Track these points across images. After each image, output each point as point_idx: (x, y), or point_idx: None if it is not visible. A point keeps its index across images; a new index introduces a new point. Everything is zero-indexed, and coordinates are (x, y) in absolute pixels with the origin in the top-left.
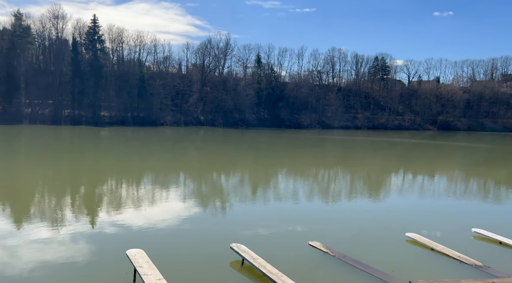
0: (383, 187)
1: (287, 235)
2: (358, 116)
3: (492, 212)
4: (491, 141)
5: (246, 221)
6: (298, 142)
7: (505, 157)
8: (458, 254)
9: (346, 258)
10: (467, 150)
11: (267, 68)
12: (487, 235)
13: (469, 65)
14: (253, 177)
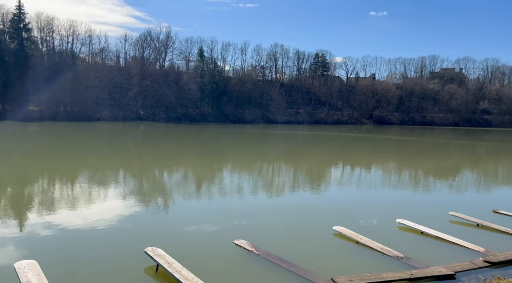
0: (318, 180)
1: (212, 234)
2: (300, 111)
3: (417, 202)
4: (420, 134)
5: (171, 222)
6: (243, 136)
7: (434, 149)
8: (382, 246)
9: (271, 257)
10: (400, 143)
11: (210, 62)
12: (410, 225)
13: (401, 63)
14: (194, 174)
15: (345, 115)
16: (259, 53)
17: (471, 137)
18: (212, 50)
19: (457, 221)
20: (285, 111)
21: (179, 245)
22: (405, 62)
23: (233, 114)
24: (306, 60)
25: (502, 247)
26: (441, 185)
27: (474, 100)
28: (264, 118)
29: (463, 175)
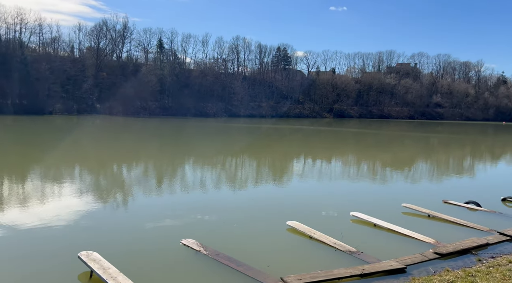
0: (277, 174)
1: (158, 234)
2: (263, 105)
3: (372, 194)
4: (378, 127)
5: (112, 222)
6: (205, 130)
7: (390, 141)
8: (334, 241)
9: (220, 256)
10: (359, 135)
11: (170, 54)
12: (363, 218)
13: (360, 58)
14: (149, 169)
15: (306, 108)
16: (221, 46)
17: (425, 130)
18: (172, 41)
19: (409, 213)
20: (248, 104)
21: (119, 248)
22: (364, 56)
23: (195, 108)
24: (268, 54)
25: (451, 237)
26: (396, 177)
27: (428, 94)
28: (226, 112)
29: (416, 166)
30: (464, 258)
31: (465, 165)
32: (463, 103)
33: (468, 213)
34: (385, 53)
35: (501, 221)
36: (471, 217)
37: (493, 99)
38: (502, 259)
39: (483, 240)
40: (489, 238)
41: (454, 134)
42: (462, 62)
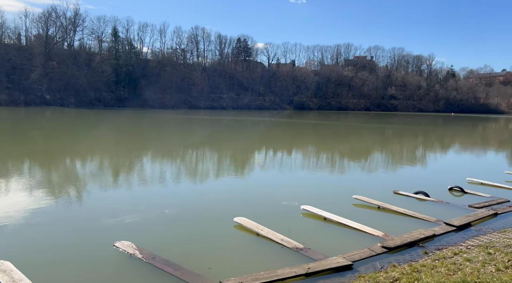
0: (231, 168)
1: (89, 237)
2: (224, 97)
3: (325, 186)
4: (336, 118)
5: (37, 226)
6: (164, 122)
7: (348, 133)
8: (282, 237)
9: (156, 260)
10: (318, 127)
11: (126, 43)
12: (314, 211)
13: (319, 50)
14: (101, 164)
15: (267, 100)
16: (180, 36)
17: (381, 121)
18: (128, 30)
19: (360, 204)
20: (208, 96)
21: (38, 256)
22: (322, 49)
23: (153, 99)
24: (229, 45)
25: (400, 229)
26: (350, 168)
27: (383, 87)
28: (186, 103)
29: (370, 157)
30: (411, 251)
31: (416, 155)
32: (416, 95)
33: (417, 204)
34: (343, 46)
35: (447, 211)
36: (420, 208)
37: (443, 92)
38: (447, 251)
39: (430, 232)
40: (436, 229)
41: (408, 125)
42: (415, 55)
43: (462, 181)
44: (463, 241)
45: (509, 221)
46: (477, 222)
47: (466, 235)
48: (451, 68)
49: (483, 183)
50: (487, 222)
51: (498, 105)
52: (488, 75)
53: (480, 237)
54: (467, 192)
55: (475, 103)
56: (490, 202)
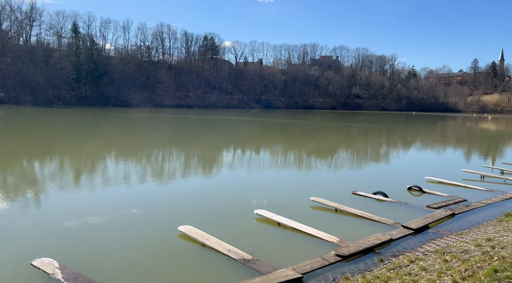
0: (188, 169)
1: (7, 255)
2: (190, 95)
3: (282, 188)
4: (303, 117)
5: None
6: (128, 121)
7: (314, 132)
8: (229, 247)
9: (78, 280)
10: (285, 125)
11: (87, 39)
12: (267, 216)
13: (286, 50)
14: (62, 165)
15: (235, 99)
16: (144, 33)
17: (346, 120)
18: (89, 26)
19: (317, 207)
20: (174, 94)
21: None
22: (289, 48)
23: (116, 97)
24: (195, 43)
25: (357, 233)
26: (309, 168)
27: (348, 86)
28: (151, 102)
29: (332, 156)
30: (367, 259)
31: (378, 153)
32: (379, 94)
33: (375, 205)
34: (309, 46)
35: (406, 212)
36: (378, 209)
37: (405, 91)
38: (403, 258)
39: (387, 236)
40: (393, 233)
41: (372, 123)
42: (378, 56)
43: (422, 180)
44: (420, 246)
45: (466, 221)
46: (434, 224)
47: (423, 239)
48: (413, 68)
49: (441, 182)
50: (445, 224)
51: (456, 104)
52: (446, 75)
53: (437, 241)
54: (425, 192)
55: (434, 102)
56: (447, 201)
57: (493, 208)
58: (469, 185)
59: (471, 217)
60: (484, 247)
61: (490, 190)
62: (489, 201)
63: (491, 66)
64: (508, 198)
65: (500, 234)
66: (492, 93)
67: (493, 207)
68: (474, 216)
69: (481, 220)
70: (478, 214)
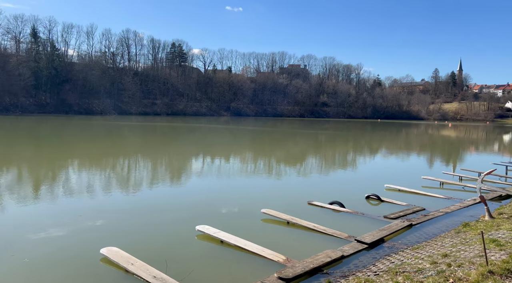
0: (136, 181)
1: None
2: (157, 102)
3: (231, 201)
4: (272, 125)
5: None
6: (92, 129)
7: (284, 139)
8: (156, 272)
9: None
10: (255, 133)
11: (48, 44)
12: (209, 232)
13: (255, 58)
14: (22, 176)
15: (203, 106)
16: (109, 38)
17: (314, 127)
18: (50, 31)
19: (269, 220)
20: (141, 101)
21: None
22: (258, 57)
23: (78, 105)
24: (163, 49)
25: (307, 249)
26: (264, 177)
27: (316, 94)
28: (116, 109)
29: (291, 164)
30: (313, 281)
31: (340, 161)
32: (346, 102)
33: (330, 216)
34: (278, 54)
35: (362, 223)
36: (333, 221)
37: (371, 99)
38: (353, 279)
39: (338, 253)
40: (345, 249)
41: (339, 131)
42: (345, 64)
43: (382, 188)
44: (373, 263)
45: (423, 233)
46: (390, 237)
47: (377, 254)
48: (378, 77)
49: (401, 190)
50: (402, 236)
51: (419, 112)
52: (409, 84)
53: (391, 257)
54: (383, 201)
55: (399, 110)
56: (406, 211)
57: (451, 217)
58: (428, 193)
59: (429, 227)
60: (439, 264)
61: (448, 197)
62: (448, 210)
63: (450, 76)
64: (466, 206)
65: (457, 248)
66: (452, 101)
67: (451, 216)
68: (431, 227)
69: (439, 231)
70: (436, 224)
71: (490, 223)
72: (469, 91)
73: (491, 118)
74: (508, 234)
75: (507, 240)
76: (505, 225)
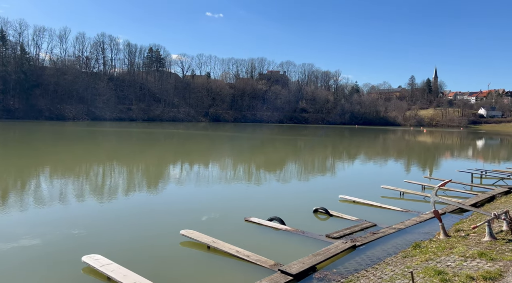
0: (95, 192)
1: None
2: (133, 108)
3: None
4: (252, 131)
5: None
6: (63, 135)
7: (263, 145)
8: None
9: None
10: (235, 139)
11: (18, 48)
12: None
13: (234, 63)
14: None
15: (181, 112)
16: (83, 42)
17: (293, 133)
18: (20, 34)
19: (188, 243)
20: (115, 107)
21: None
22: (237, 62)
23: (49, 110)
24: (139, 54)
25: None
26: (246, 185)
27: (295, 100)
28: (89, 115)
29: (265, 175)
30: None
31: (295, 170)
32: (324, 108)
33: (266, 235)
34: (257, 60)
35: (298, 245)
36: (267, 242)
37: (349, 105)
38: None
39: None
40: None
41: (317, 137)
42: (323, 71)
43: (336, 199)
44: None
45: (366, 257)
46: (326, 263)
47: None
48: (356, 84)
49: (355, 202)
50: (340, 261)
51: (396, 118)
52: (387, 91)
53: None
54: (332, 215)
55: (376, 116)
56: (353, 227)
57: (404, 235)
58: (384, 205)
59: (375, 249)
60: None
61: (406, 210)
62: (401, 226)
63: (426, 83)
64: (423, 221)
65: (396, 281)
66: (428, 108)
67: (404, 233)
68: (378, 249)
69: (385, 253)
70: (384, 244)
71: (444, 244)
72: (444, 98)
73: (465, 124)
74: (459, 262)
75: (455, 272)
76: (459, 247)
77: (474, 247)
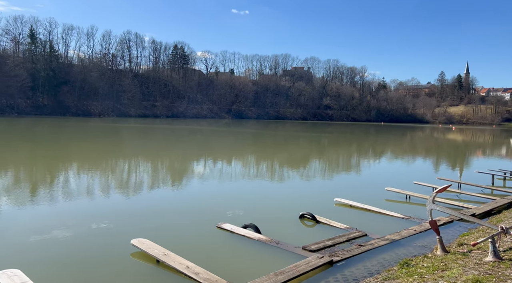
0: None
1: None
2: (157, 104)
3: (96, 234)
4: (275, 127)
5: None
6: (90, 131)
7: (286, 141)
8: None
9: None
10: (257, 135)
11: (47, 46)
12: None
13: (257, 60)
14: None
15: (204, 109)
16: (109, 40)
17: (317, 130)
18: (50, 32)
19: (138, 254)
20: (140, 103)
21: None
22: (261, 59)
23: (76, 106)
24: (164, 51)
25: None
26: (245, 184)
27: (319, 97)
28: (115, 111)
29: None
30: None
31: (299, 170)
32: (350, 105)
33: (236, 246)
34: (281, 57)
35: (267, 259)
36: (235, 254)
37: (375, 102)
38: None
39: None
40: None
41: (343, 133)
42: (349, 67)
43: (331, 202)
44: None
45: (342, 277)
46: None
47: None
48: (383, 80)
49: (352, 206)
50: (311, 280)
51: (424, 115)
52: (415, 87)
53: None
54: (319, 222)
55: (403, 113)
56: (338, 238)
57: (396, 249)
58: (383, 210)
59: (356, 267)
60: None
61: (407, 217)
62: (396, 236)
63: (457, 79)
64: (423, 231)
65: None
66: (458, 104)
67: (397, 246)
68: (360, 266)
69: (366, 272)
70: (369, 260)
71: (437, 263)
72: (475, 94)
73: (498, 121)
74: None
75: None
76: (455, 267)
77: (472, 269)
